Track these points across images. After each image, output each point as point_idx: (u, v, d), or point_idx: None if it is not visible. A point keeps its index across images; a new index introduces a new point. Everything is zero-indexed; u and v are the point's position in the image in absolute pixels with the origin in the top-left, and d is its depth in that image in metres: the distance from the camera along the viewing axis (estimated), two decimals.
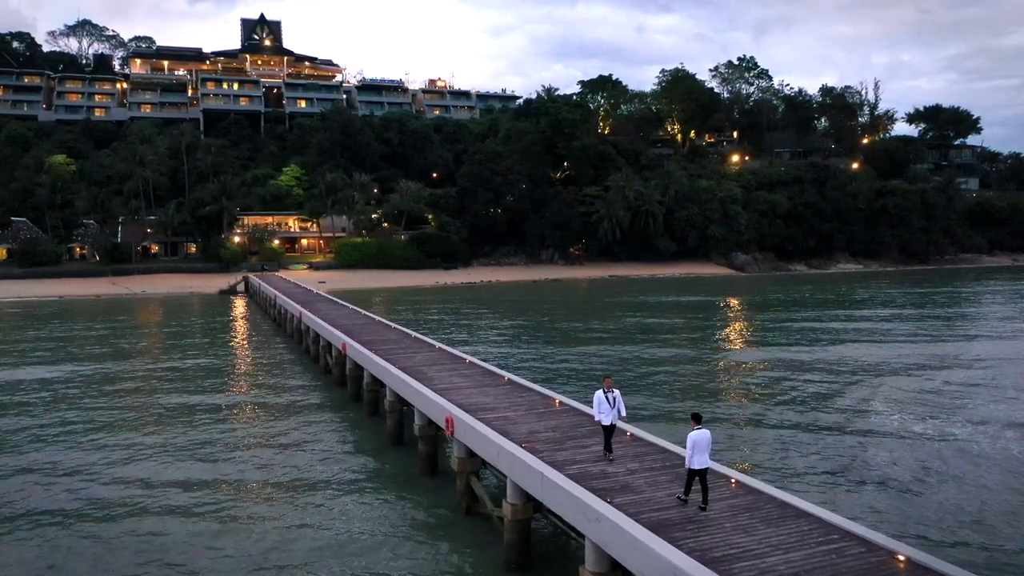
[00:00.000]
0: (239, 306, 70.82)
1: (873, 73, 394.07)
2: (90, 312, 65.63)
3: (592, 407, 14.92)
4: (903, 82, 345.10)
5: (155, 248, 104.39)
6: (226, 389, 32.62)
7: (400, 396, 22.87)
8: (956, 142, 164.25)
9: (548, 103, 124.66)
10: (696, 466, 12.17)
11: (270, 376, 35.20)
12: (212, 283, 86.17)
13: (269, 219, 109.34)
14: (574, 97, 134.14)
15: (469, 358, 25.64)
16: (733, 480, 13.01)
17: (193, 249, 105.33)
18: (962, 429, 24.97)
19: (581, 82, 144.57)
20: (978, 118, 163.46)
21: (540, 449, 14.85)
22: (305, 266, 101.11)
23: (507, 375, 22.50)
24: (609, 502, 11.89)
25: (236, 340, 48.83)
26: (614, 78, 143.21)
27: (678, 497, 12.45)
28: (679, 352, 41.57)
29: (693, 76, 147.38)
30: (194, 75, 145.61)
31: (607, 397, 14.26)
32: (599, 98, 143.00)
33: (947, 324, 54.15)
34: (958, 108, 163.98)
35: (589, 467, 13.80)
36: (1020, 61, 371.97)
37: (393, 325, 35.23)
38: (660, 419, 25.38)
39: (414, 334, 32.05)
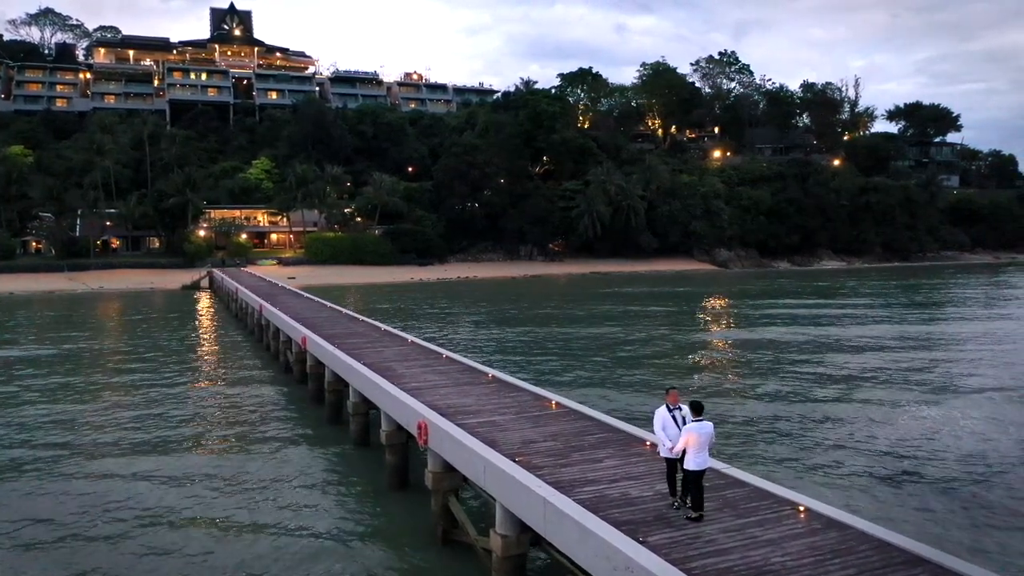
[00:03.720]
0: (202, 302, 66.75)
1: (848, 76, 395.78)
2: (38, 307, 61.33)
3: (654, 430, 10.56)
4: (876, 85, 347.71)
5: (116, 242, 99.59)
6: (166, 392, 28.89)
7: (365, 397, 19.48)
8: (936, 139, 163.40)
9: (527, 95, 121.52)
10: (693, 467, 9.40)
11: (225, 378, 31.48)
12: (175, 279, 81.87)
13: (237, 213, 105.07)
14: (553, 91, 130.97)
15: (446, 353, 22.27)
16: (802, 511, 9.73)
17: (156, 243, 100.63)
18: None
19: (560, 75, 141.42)
20: (958, 115, 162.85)
21: (539, 464, 11.52)
22: (274, 261, 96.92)
23: (491, 372, 19.16)
24: (642, 542, 8.61)
25: (191, 338, 44.97)
26: (594, 71, 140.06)
27: (673, 506, 9.76)
28: (665, 334, 40.86)
29: (674, 70, 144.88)
30: (161, 65, 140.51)
31: (675, 417, 10.20)
32: (579, 92, 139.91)
33: (940, 310, 53.05)
34: (938, 105, 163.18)
35: (606, 489, 10.49)
36: (988, 65, 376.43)
37: (361, 318, 31.74)
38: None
39: (384, 327, 28.60)
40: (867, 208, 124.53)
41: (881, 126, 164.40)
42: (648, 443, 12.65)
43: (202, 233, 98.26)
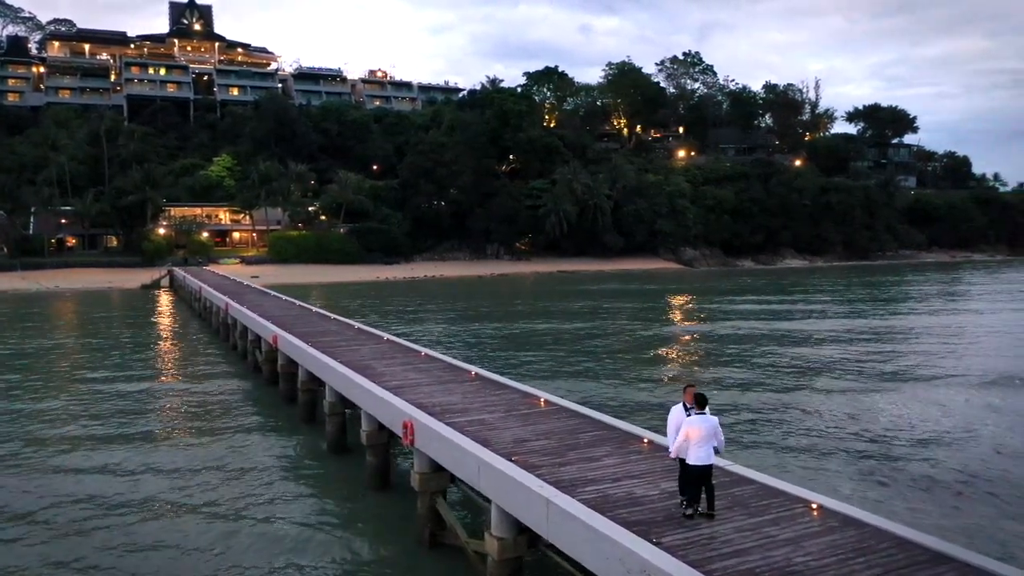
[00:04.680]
0: (163, 301, 65.07)
1: (806, 79, 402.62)
2: None
3: (667, 433, 10.11)
4: (833, 88, 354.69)
5: (71, 241, 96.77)
6: (128, 391, 27.86)
7: (342, 396, 18.85)
8: (894, 141, 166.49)
9: (493, 94, 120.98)
10: (693, 461, 9.06)
11: (186, 379, 30.45)
12: (134, 278, 79.75)
13: (198, 211, 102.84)
14: (518, 89, 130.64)
15: (425, 350, 21.70)
16: (815, 508, 9.42)
17: (114, 242, 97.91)
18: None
19: (526, 74, 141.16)
20: (914, 118, 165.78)
21: (536, 464, 11.07)
22: (237, 260, 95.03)
23: (474, 369, 18.65)
24: (656, 543, 8.21)
25: (154, 337, 43.66)
26: (560, 69, 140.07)
27: (684, 513, 9.15)
28: (638, 329, 41.53)
29: (639, 70, 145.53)
30: (118, 60, 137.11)
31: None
32: (545, 91, 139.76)
33: (902, 305, 53.93)
34: (895, 107, 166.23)
35: (609, 489, 10.08)
36: (939, 70, 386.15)
37: (333, 316, 30.96)
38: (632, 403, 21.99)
39: (357, 325, 27.91)
40: (828, 208, 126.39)
41: (841, 127, 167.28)
42: (646, 441, 12.29)
43: (162, 231, 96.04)
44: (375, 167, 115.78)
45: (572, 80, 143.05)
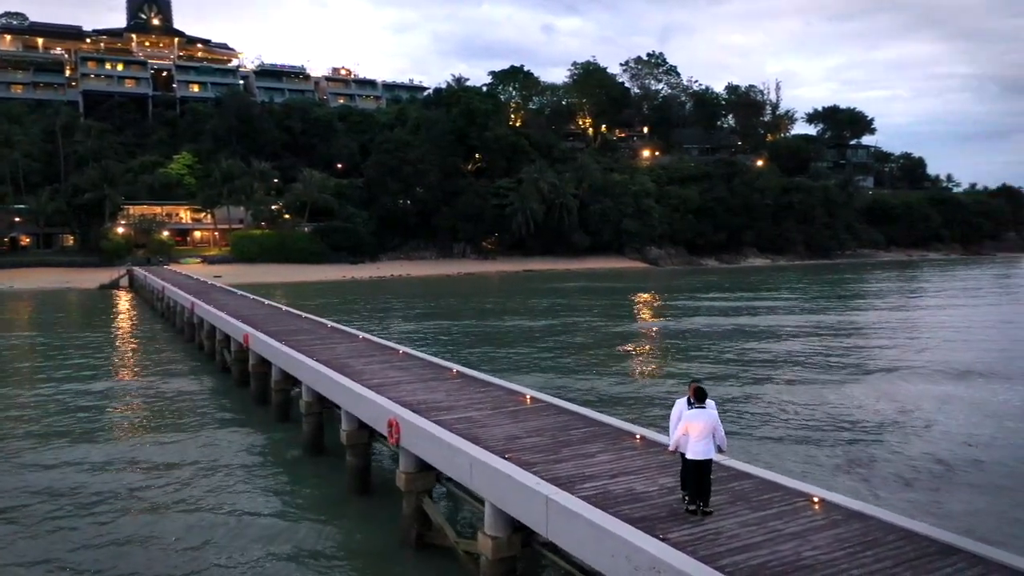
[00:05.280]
0: (123, 301, 63.55)
1: (764, 80, 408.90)
2: None
3: (668, 429, 9.92)
4: (790, 90, 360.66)
5: (25, 240, 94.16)
6: (91, 392, 27.06)
7: (320, 396, 18.46)
8: (852, 142, 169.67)
9: (459, 92, 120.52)
10: (691, 455, 8.98)
11: (152, 380, 29.62)
12: (92, 277, 77.83)
13: (158, 209, 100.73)
14: (484, 88, 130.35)
15: (403, 348, 21.38)
16: (816, 502, 9.37)
17: (71, 241, 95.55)
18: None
19: (492, 72, 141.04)
20: (872, 119, 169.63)
21: (531, 461, 10.88)
22: (198, 260, 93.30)
23: (455, 367, 18.39)
24: (662, 539, 8.07)
25: (116, 337, 42.55)
26: (525, 69, 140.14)
27: (686, 508, 9.01)
28: (610, 325, 42.01)
29: (604, 70, 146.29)
30: (73, 55, 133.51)
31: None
32: (510, 90, 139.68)
33: (864, 301, 55.09)
34: (853, 109, 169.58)
35: (609, 485, 9.92)
36: (891, 74, 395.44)
37: (304, 315, 30.43)
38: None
39: (331, 323, 27.44)
40: (790, 207, 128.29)
41: (800, 128, 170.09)
42: (638, 437, 12.16)
43: (120, 230, 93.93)
44: (339, 165, 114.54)
45: (538, 80, 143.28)
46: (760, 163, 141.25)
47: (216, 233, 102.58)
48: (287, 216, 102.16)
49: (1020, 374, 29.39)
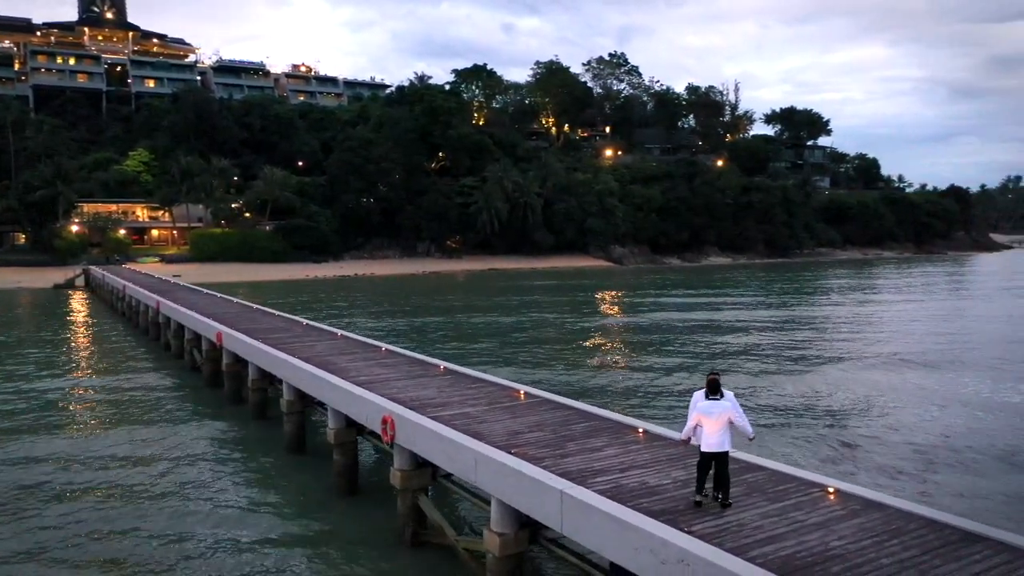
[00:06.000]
0: (79, 301, 61.78)
1: (721, 82, 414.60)
2: None
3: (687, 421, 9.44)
4: (746, 92, 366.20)
5: None
6: (55, 406, 26.18)
7: (302, 394, 18.07)
8: (809, 143, 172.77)
9: (422, 90, 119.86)
10: (704, 447, 8.96)
11: (118, 381, 28.72)
12: (45, 277, 75.57)
13: (113, 207, 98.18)
14: (446, 86, 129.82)
15: (385, 346, 21.01)
16: (832, 492, 9.35)
17: (22, 239, 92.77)
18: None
19: (455, 71, 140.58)
20: (828, 120, 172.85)
21: (538, 456, 10.69)
22: (156, 259, 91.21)
23: (442, 364, 18.12)
24: (686, 531, 7.96)
25: (73, 341, 41.30)
26: (488, 67, 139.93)
27: (693, 500, 8.94)
28: (578, 320, 41.91)
29: (567, 69, 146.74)
30: (22, 48, 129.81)
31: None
32: (473, 88, 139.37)
33: (822, 296, 56.28)
34: (810, 111, 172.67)
35: (621, 479, 9.78)
36: (844, 77, 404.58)
37: (277, 313, 29.84)
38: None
39: (306, 322, 26.91)
40: (750, 207, 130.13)
41: (759, 129, 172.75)
42: (641, 431, 12.06)
43: (75, 229, 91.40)
44: (300, 163, 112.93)
45: (501, 78, 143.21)
46: (720, 163, 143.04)
47: (174, 232, 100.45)
48: (248, 214, 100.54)
49: (975, 363, 30.82)
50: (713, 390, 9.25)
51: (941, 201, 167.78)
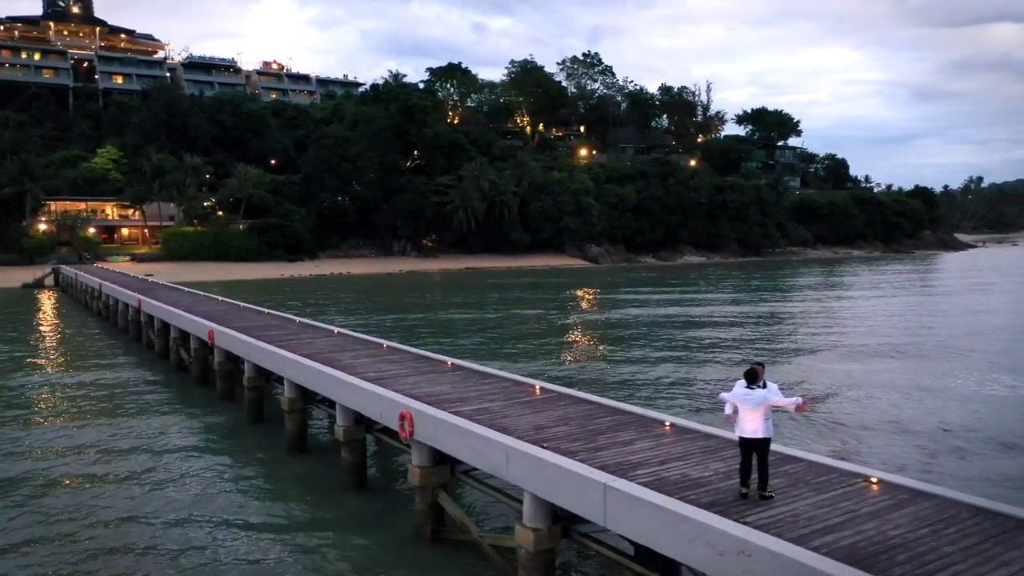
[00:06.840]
0: (49, 301, 60.41)
1: (691, 83, 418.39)
2: None
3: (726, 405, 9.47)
4: (715, 93, 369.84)
5: None
6: (37, 406, 25.49)
7: (304, 391, 17.76)
8: (780, 143, 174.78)
9: (397, 88, 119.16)
10: (739, 433, 9.04)
11: (103, 384, 28.07)
12: (13, 276, 73.73)
13: (82, 205, 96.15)
14: (421, 85, 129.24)
15: (386, 342, 20.74)
16: (875, 482, 9.32)
17: None
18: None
19: (429, 69, 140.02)
20: (798, 121, 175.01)
21: (572, 450, 10.55)
22: (127, 258, 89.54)
23: (449, 360, 17.89)
24: (741, 522, 7.88)
25: (49, 340, 40.32)
26: (463, 66, 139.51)
27: (741, 492, 8.86)
28: (553, 316, 41.92)
29: (542, 68, 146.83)
30: None
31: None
32: (448, 87, 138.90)
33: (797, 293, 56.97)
34: (781, 111, 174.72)
35: (662, 472, 9.68)
36: (811, 79, 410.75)
37: (266, 311, 29.34)
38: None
39: (299, 319, 26.50)
40: (723, 206, 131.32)
41: (730, 129, 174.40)
42: (668, 424, 11.98)
43: (42, 227, 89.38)
44: (273, 161, 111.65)
45: (475, 77, 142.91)
46: (693, 163, 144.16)
47: (146, 230, 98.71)
48: (221, 213, 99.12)
49: (938, 352, 32.31)
50: (749, 380, 9.19)
51: (909, 201, 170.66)
